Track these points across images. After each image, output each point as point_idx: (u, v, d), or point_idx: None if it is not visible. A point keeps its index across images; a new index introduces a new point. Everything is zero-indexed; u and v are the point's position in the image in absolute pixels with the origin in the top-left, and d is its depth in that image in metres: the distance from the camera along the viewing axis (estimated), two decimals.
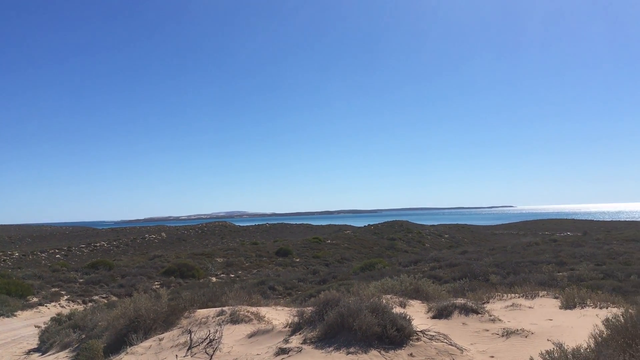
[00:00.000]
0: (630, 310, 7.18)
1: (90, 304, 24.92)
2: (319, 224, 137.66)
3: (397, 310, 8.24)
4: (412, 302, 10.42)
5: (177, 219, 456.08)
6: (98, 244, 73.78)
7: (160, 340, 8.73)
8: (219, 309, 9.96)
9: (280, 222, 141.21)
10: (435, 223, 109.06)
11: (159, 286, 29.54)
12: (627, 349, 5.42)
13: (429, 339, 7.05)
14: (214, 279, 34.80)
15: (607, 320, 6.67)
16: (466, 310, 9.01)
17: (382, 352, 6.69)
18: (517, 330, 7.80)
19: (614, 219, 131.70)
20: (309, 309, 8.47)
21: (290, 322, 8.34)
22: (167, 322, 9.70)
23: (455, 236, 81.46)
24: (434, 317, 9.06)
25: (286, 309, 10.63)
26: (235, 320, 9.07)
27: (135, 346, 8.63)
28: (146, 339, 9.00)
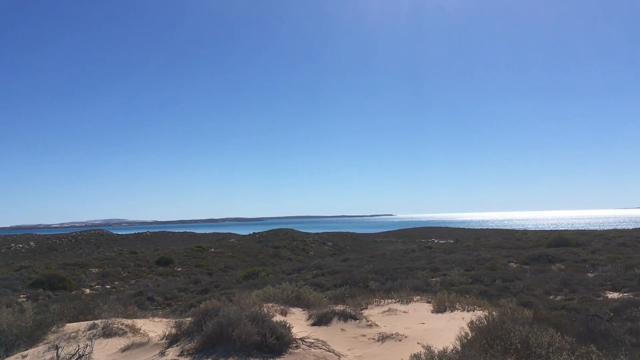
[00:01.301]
0: (493, 313, 7.77)
1: None
2: (203, 232, 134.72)
3: (278, 318, 8.29)
4: (294, 309, 10.52)
5: (48, 227, 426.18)
6: None
7: (24, 357, 8.15)
8: (90, 322, 9.46)
9: (162, 230, 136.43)
10: (320, 231, 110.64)
11: (25, 299, 27.48)
12: (488, 349, 5.85)
13: (308, 346, 7.15)
14: (87, 291, 32.93)
15: (472, 322, 7.17)
16: (345, 317, 9.27)
17: None
18: (392, 334, 8.14)
19: (482, 227, 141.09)
20: (187, 320, 8.28)
21: (167, 333, 8.09)
22: (32, 337, 9.10)
23: (338, 244, 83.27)
24: (314, 324, 9.22)
25: (164, 320, 10.32)
26: (108, 333, 8.66)
27: None
28: (7, 356, 8.37)
